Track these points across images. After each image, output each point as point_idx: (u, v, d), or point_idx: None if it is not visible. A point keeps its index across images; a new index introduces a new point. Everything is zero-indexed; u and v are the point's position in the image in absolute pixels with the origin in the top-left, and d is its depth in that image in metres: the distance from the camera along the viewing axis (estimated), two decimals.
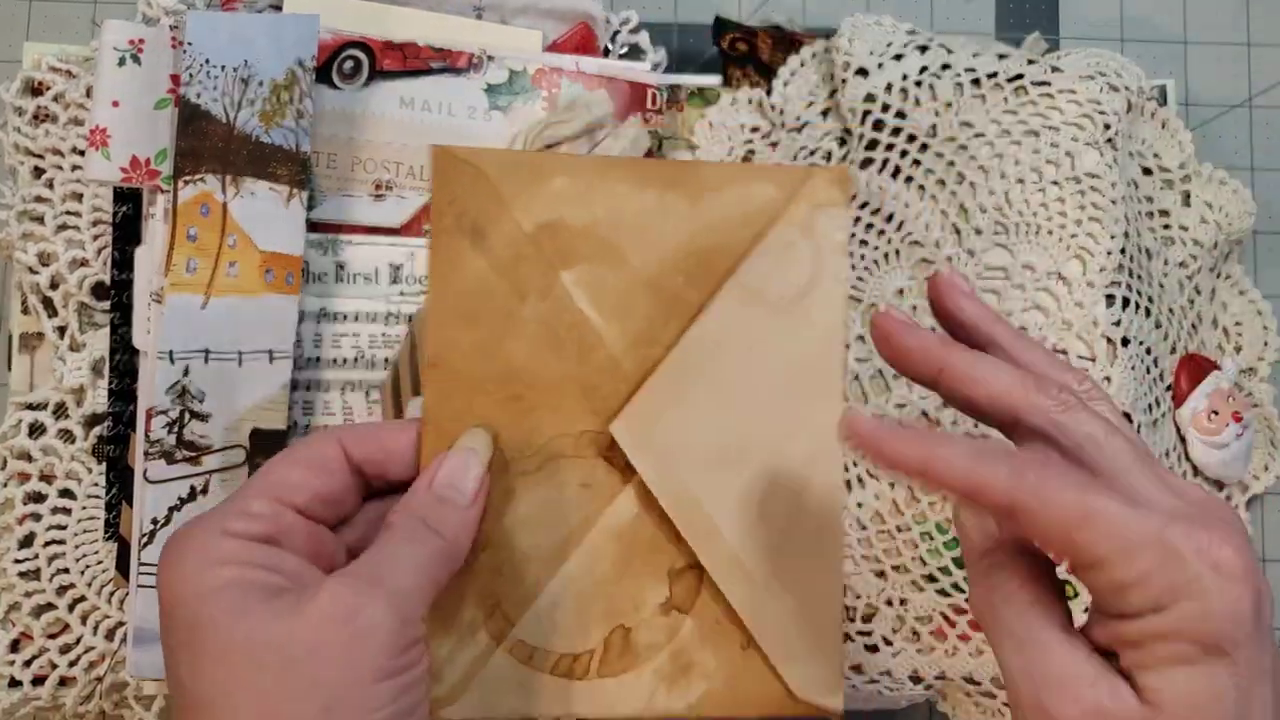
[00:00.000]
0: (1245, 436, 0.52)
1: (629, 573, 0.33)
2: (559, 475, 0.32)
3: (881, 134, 0.49)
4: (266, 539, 0.27)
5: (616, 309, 0.32)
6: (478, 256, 0.31)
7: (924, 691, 0.49)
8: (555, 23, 0.49)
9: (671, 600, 0.33)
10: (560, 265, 0.32)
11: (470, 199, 0.31)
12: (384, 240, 0.45)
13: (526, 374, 0.32)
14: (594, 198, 0.32)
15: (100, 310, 0.47)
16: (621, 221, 0.32)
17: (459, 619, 0.32)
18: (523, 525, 0.32)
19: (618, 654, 0.33)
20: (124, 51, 0.42)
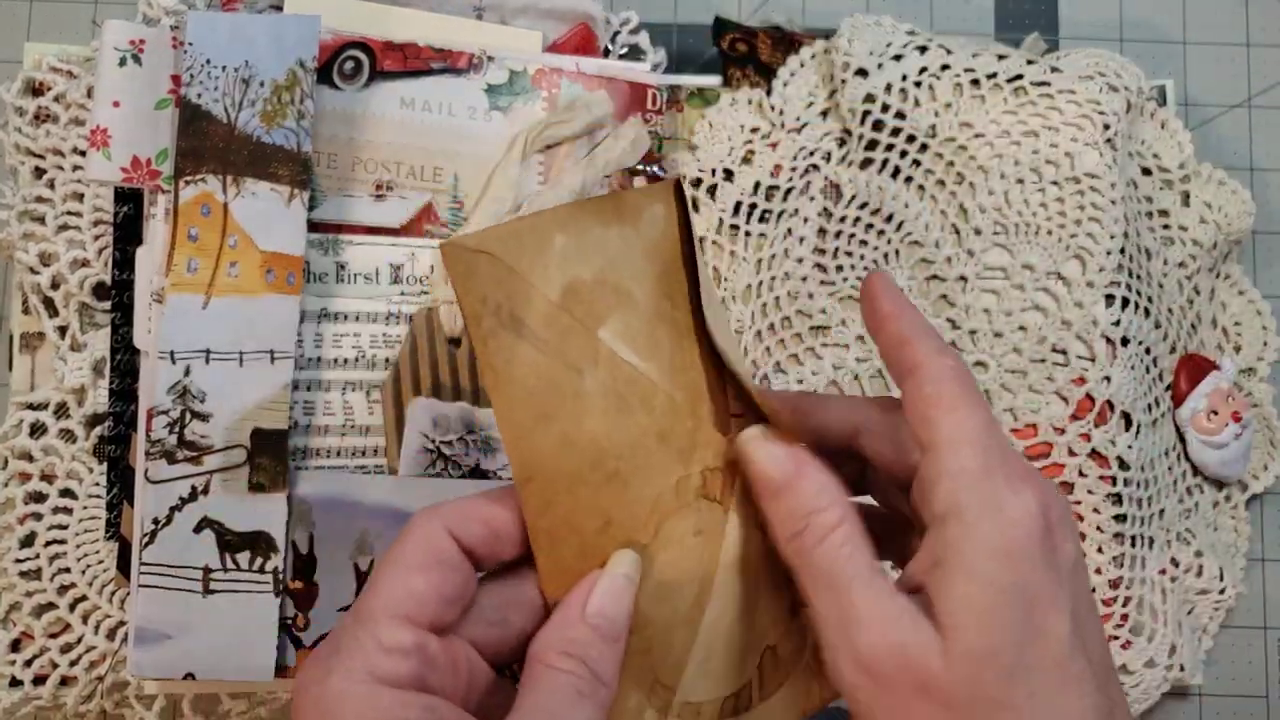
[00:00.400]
0: (1244, 436, 0.52)
1: (760, 594, 0.32)
2: (674, 534, 0.31)
3: (881, 134, 0.50)
4: (418, 682, 0.25)
5: (649, 348, 0.30)
6: (526, 347, 0.28)
7: None
8: (555, 23, 0.49)
9: (795, 600, 0.32)
10: (595, 325, 0.29)
11: (498, 289, 0.28)
12: (385, 240, 0.45)
13: (613, 447, 0.29)
14: (586, 246, 0.30)
15: (101, 310, 0.47)
16: (615, 262, 0.30)
17: (624, 710, 0.30)
18: (658, 597, 0.30)
19: (771, 672, 0.32)
20: (125, 52, 0.42)
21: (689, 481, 0.31)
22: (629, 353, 0.30)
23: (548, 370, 0.28)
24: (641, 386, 0.30)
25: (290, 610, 0.43)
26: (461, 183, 0.46)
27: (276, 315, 0.42)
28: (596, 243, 0.30)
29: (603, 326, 0.29)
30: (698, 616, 0.31)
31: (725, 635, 0.31)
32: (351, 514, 0.43)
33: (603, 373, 0.29)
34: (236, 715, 0.48)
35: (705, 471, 0.31)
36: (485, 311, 0.28)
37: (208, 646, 0.41)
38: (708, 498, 0.31)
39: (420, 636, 0.26)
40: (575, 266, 0.29)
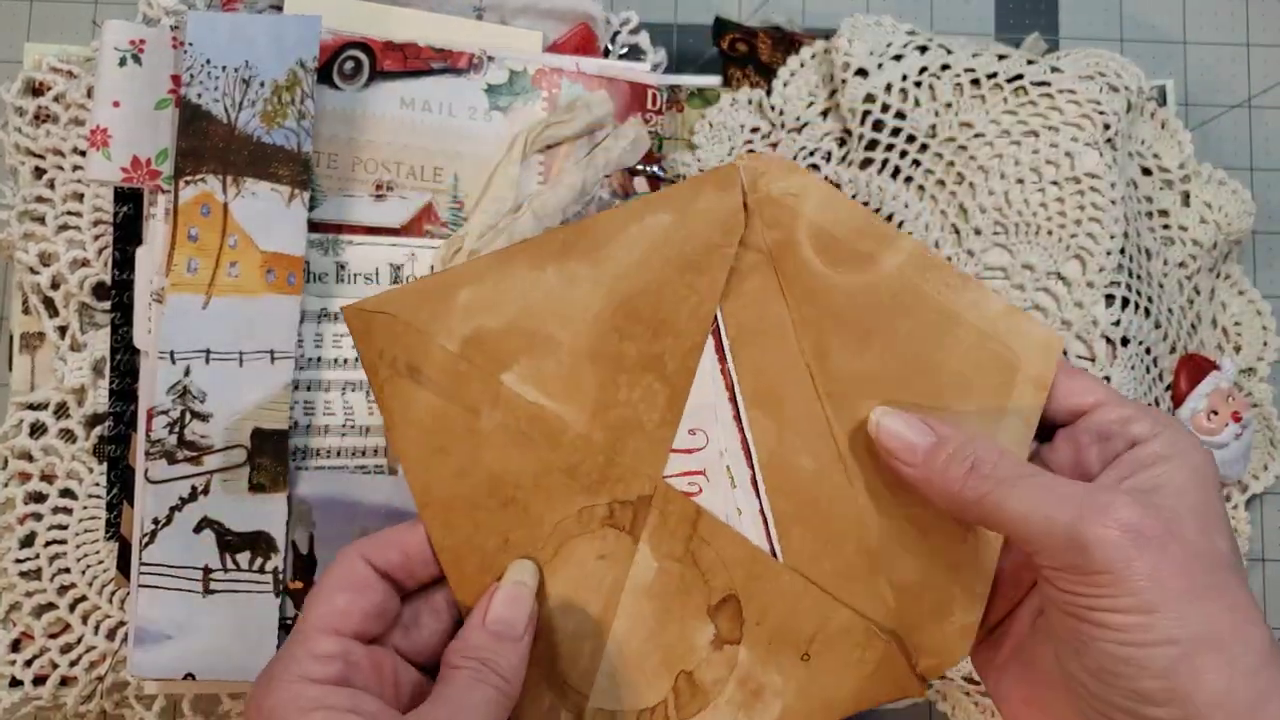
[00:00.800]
0: (1244, 436, 0.52)
1: (671, 620, 0.34)
2: (575, 555, 0.33)
3: (881, 134, 0.50)
4: (342, 680, 0.30)
5: (566, 389, 0.33)
6: (423, 392, 0.32)
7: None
8: (555, 23, 0.49)
9: (720, 634, 0.34)
10: (498, 370, 0.32)
11: (394, 344, 0.32)
12: (385, 240, 0.45)
13: (510, 476, 0.33)
14: (501, 297, 0.32)
15: (101, 310, 0.47)
16: (535, 308, 0.33)
17: (539, 709, 0.33)
18: (560, 609, 0.33)
19: (688, 697, 0.34)
20: (125, 52, 0.42)
21: (594, 511, 0.33)
22: (536, 394, 0.33)
23: (443, 411, 0.32)
24: (548, 424, 0.33)
25: (290, 610, 0.43)
26: (461, 183, 0.46)
27: (277, 315, 0.42)
28: (518, 289, 0.32)
29: (507, 371, 0.32)
30: (604, 633, 0.33)
31: (635, 653, 0.34)
32: (351, 514, 0.43)
33: (501, 413, 0.32)
34: (236, 715, 0.48)
35: (614, 504, 0.33)
36: (381, 363, 0.32)
37: (208, 647, 0.41)
38: (615, 527, 0.34)
39: (344, 644, 0.30)
40: (481, 317, 0.32)
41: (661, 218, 0.33)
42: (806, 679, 0.34)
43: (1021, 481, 0.29)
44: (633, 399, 0.33)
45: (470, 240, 0.44)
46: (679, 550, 0.34)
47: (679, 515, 0.34)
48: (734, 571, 0.34)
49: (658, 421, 0.33)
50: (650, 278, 0.33)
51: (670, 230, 0.33)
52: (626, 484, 0.33)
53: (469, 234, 0.45)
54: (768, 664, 0.34)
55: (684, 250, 0.33)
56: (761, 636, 0.34)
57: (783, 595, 0.34)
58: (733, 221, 0.33)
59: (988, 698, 0.48)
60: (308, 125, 0.42)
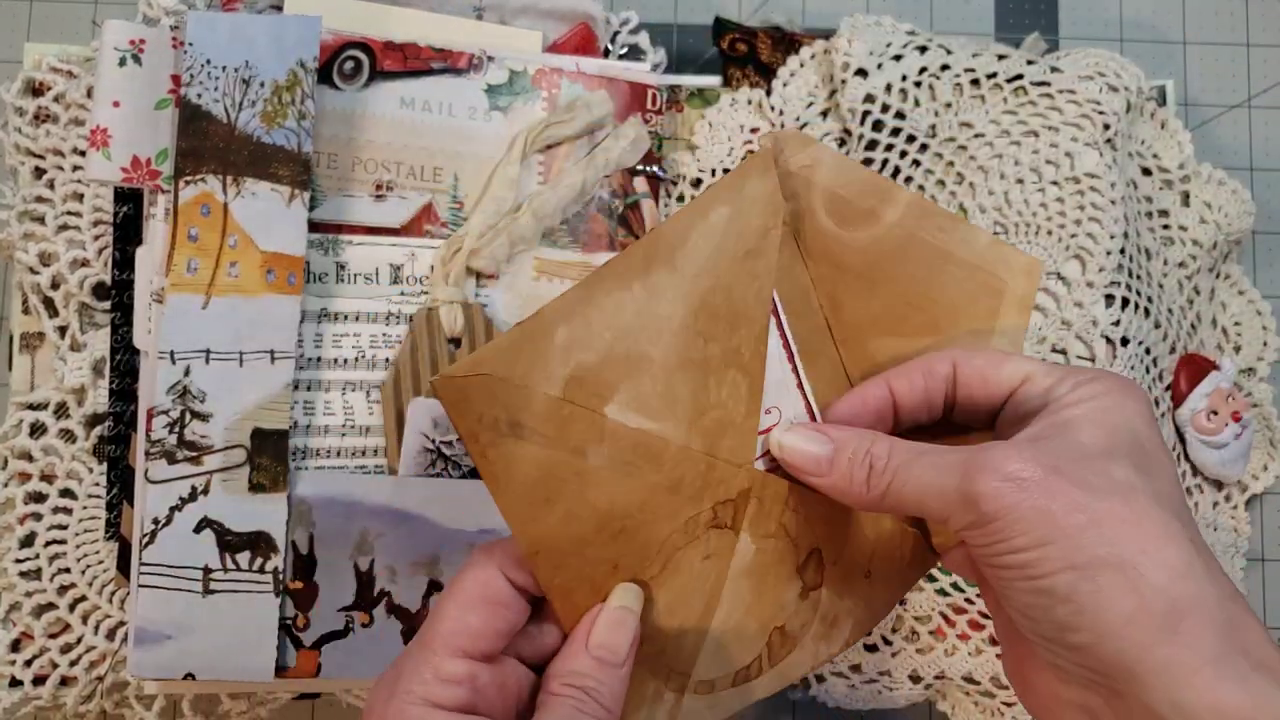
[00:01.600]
0: (1244, 436, 0.52)
1: (767, 590, 0.35)
2: (683, 564, 0.33)
3: (881, 134, 0.50)
4: (467, 707, 0.29)
5: (664, 405, 0.32)
6: (526, 446, 0.30)
7: (923, 691, 0.49)
8: (555, 23, 0.49)
9: (806, 586, 0.36)
10: (601, 405, 0.31)
11: (494, 406, 0.30)
12: (385, 240, 0.45)
13: (618, 509, 0.32)
14: (594, 327, 0.31)
15: (101, 310, 0.47)
16: (628, 330, 0.32)
17: (643, 694, 0.33)
18: (667, 615, 0.33)
19: (780, 645, 0.35)
20: (125, 52, 0.42)
21: (699, 519, 0.33)
22: (638, 419, 0.32)
23: (548, 460, 0.30)
24: (651, 447, 0.32)
25: (290, 610, 0.43)
26: (461, 183, 0.46)
27: (277, 315, 0.42)
28: (608, 316, 0.31)
29: (609, 403, 0.31)
30: (708, 620, 0.34)
31: (735, 628, 0.34)
32: (351, 514, 0.43)
33: (608, 447, 0.31)
34: (236, 715, 0.48)
35: (716, 506, 0.33)
36: (482, 429, 0.30)
37: (208, 647, 0.41)
38: (718, 527, 0.34)
39: (473, 668, 0.30)
40: (579, 354, 0.31)
41: (721, 211, 0.33)
42: (870, 593, 0.37)
43: (913, 463, 0.31)
44: (723, 398, 0.33)
45: (470, 240, 0.44)
46: (773, 527, 0.35)
47: (774, 496, 0.35)
48: (817, 528, 0.35)
49: (744, 413, 0.34)
50: (720, 272, 0.33)
51: (729, 222, 0.33)
52: (727, 484, 0.34)
53: (469, 234, 0.45)
54: (843, 594, 0.36)
55: (742, 238, 0.33)
56: (838, 574, 0.36)
57: (850, 530, 0.36)
58: (776, 202, 0.34)
59: (987, 697, 0.48)
60: (308, 125, 0.42)
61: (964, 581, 0.48)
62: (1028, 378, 0.32)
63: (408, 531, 0.43)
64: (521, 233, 0.45)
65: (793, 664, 0.36)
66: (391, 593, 0.43)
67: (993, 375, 0.33)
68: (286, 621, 0.42)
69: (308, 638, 0.43)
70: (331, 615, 0.43)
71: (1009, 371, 0.33)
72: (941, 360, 0.34)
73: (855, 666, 0.48)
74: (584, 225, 0.47)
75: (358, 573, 0.43)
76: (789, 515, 0.35)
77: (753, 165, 0.34)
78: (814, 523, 0.35)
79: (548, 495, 0.30)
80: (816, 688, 0.49)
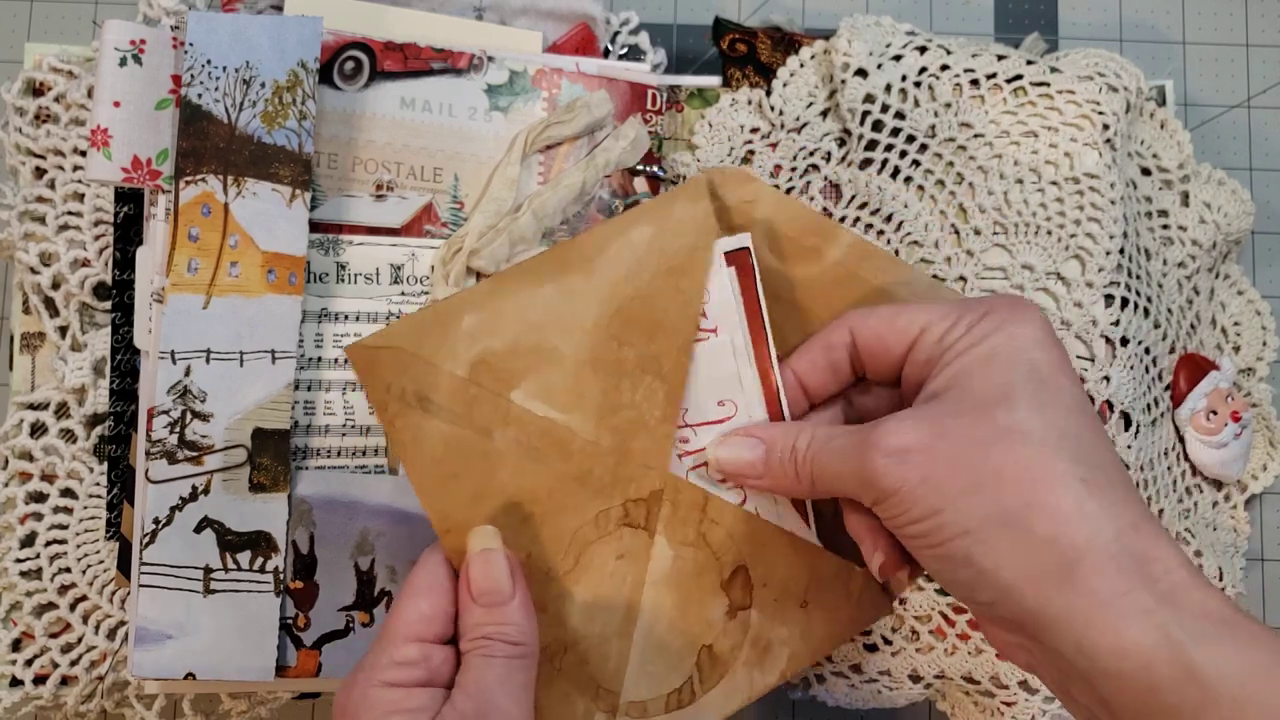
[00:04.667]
0: (1244, 436, 0.52)
1: (690, 603, 0.36)
2: (596, 559, 0.35)
3: (880, 135, 0.50)
4: (423, 683, 0.31)
5: (572, 398, 0.34)
6: (433, 420, 0.32)
7: (923, 690, 0.49)
8: (555, 23, 0.49)
9: (733, 604, 0.36)
10: (506, 390, 0.33)
11: (402, 377, 0.32)
12: (385, 240, 0.45)
13: (525, 493, 0.33)
14: (503, 318, 0.33)
15: (102, 310, 0.47)
16: (537, 324, 0.34)
17: (573, 715, 0.35)
18: (586, 615, 0.34)
19: (710, 668, 0.36)
20: (125, 52, 0.42)
21: (609, 514, 0.35)
22: (545, 408, 0.34)
23: (455, 437, 0.33)
24: (558, 436, 0.34)
25: (290, 610, 0.43)
26: (461, 183, 0.46)
27: (278, 315, 0.42)
28: (518, 309, 0.33)
29: (515, 389, 0.33)
30: (630, 629, 0.35)
31: (659, 642, 0.35)
32: (352, 514, 0.43)
33: (513, 431, 0.33)
34: (236, 715, 0.48)
35: (628, 503, 0.35)
36: (390, 398, 0.32)
37: (208, 646, 0.41)
38: (630, 525, 0.35)
39: (426, 650, 0.32)
40: (486, 340, 0.33)
41: (643, 230, 0.35)
42: (807, 624, 0.37)
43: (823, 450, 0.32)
44: (635, 400, 0.35)
45: (470, 240, 0.44)
46: (691, 536, 0.36)
47: (689, 503, 0.35)
48: (741, 545, 0.36)
49: (660, 418, 0.35)
50: (641, 285, 0.35)
51: (652, 240, 0.35)
52: (638, 482, 0.35)
53: (469, 234, 0.45)
54: (775, 619, 0.37)
55: (666, 255, 0.35)
56: (768, 597, 0.36)
57: (782, 554, 0.36)
58: (707, 225, 0.36)
59: (987, 696, 0.48)
60: (309, 126, 0.42)
61: None
62: (923, 328, 0.32)
63: (408, 531, 0.43)
64: (522, 233, 0.45)
65: (727, 692, 0.36)
66: (392, 592, 0.43)
67: (888, 333, 0.33)
68: (287, 621, 0.43)
69: (308, 637, 0.43)
70: (332, 615, 0.43)
71: (904, 325, 0.32)
72: (838, 329, 0.34)
73: (855, 666, 0.48)
74: (584, 225, 0.47)
75: (358, 572, 0.43)
76: (709, 525, 0.36)
77: (683, 191, 0.36)
78: (738, 539, 0.36)
79: (455, 470, 0.32)
80: (817, 687, 0.49)
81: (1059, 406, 0.29)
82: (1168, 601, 0.26)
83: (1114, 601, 0.26)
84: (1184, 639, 0.26)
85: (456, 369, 0.33)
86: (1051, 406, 0.29)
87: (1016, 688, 0.47)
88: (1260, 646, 0.26)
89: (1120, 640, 0.26)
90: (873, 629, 0.48)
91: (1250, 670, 0.25)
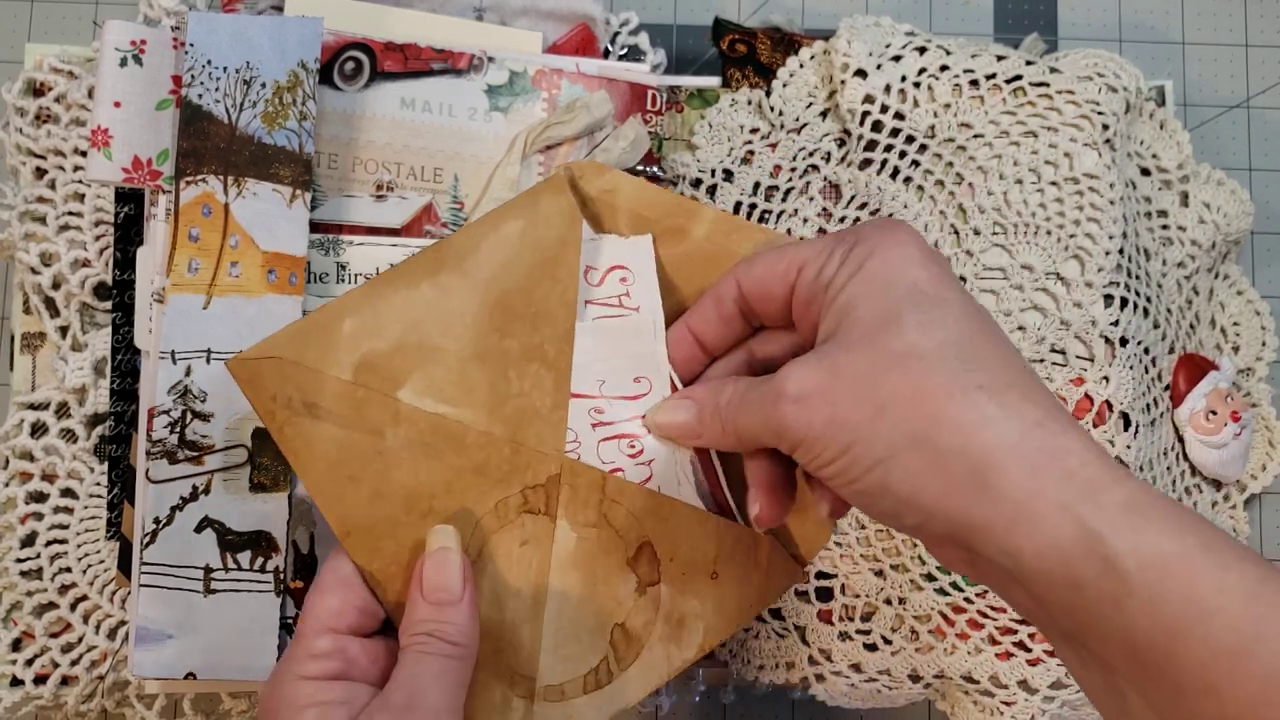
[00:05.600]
0: (1243, 436, 0.52)
1: (598, 583, 0.36)
2: (499, 549, 0.35)
3: (880, 135, 0.50)
4: (338, 675, 0.32)
5: (460, 393, 0.34)
6: (323, 425, 0.33)
7: (923, 690, 0.49)
8: (555, 24, 0.49)
9: (641, 580, 0.37)
10: (393, 389, 0.34)
11: (286, 385, 0.33)
12: (385, 241, 0.45)
13: (423, 488, 0.34)
14: (383, 320, 0.34)
15: (102, 310, 0.47)
16: (417, 323, 0.34)
17: (491, 703, 0.35)
18: (495, 604, 0.35)
19: (624, 647, 0.37)
20: (126, 52, 0.42)
21: (509, 502, 0.35)
22: (434, 404, 0.34)
23: (347, 440, 0.33)
24: (450, 431, 0.34)
25: (291, 610, 0.43)
26: (462, 183, 0.46)
27: (278, 315, 0.42)
28: (398, 309, 0.34)
29: (402, 388, 0.34)
30: (539, 613, 0.36)
31: (571, 623, 0.36)
32: None
33: (404, 429, 0.34)
34: (237, 715, 0.48)
35: (526, 490, 0.35)
36: (277, 407, 0.32)
37: (209, 646, 0.41)
38: (531, 512, 0.36)
39: (339, 642, 0.32)
40: (368, 342, 0.33)
41: (514, 224, 0.36)
42: (719, 595, 0.38)
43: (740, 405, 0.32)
44: (524, 388, 0.35)
45: None
46: (593, 516, 0.36)
47: (588, 484, 0.36)
48: (644, 521, 0.37)
49: (550, 405, 0.36)
50: (517, 276, 0.36)
51: (523, 233, 0.36)
52: (534, 469, 0.35)
53: None
54: (685, 593, 0.37)
55: (539, 248, 0.36)
56: (676, 571, 0.37)
57: (686, 528, 0.37)
58: (573, 215, 0.37)
59: (986, 696, 0.48)
60: (309, 126, 0.42)
61: (963, 581, 0.48)
62: (802, 266, 0.32)
63: None
64: None
65: (645, 668, 0.37)
66: None
67: (769, 279, 0.33)
68: (288, 621, 0.43)
69: None
70: None
71: (783, 269, 0.32)
72: (725, 283, 0.35)
73: (855, 665, 0.48)
74: None
75: None
76: (610, 505, 0.36)
77: (546, 186, 0.37)
78: (640, 516, 0.37)
79: (351, 473, 0.33)
80: (816, 687, 0.49)
81: (946, 320, 0.29)
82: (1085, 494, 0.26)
83: (1029, 501, 0.26)
84: (1102, 530, 0.25)
85: (341, 373, 0.33)
86: (938, 322, 0.28)
87: (1016, 687, 0.47)
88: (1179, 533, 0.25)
89: (1040, 539, 0.26)
90: (872, 628, 0.48)
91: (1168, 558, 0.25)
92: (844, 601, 0.48)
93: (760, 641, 0.49)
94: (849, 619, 0.48)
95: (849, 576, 0.48)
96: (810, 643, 0.48)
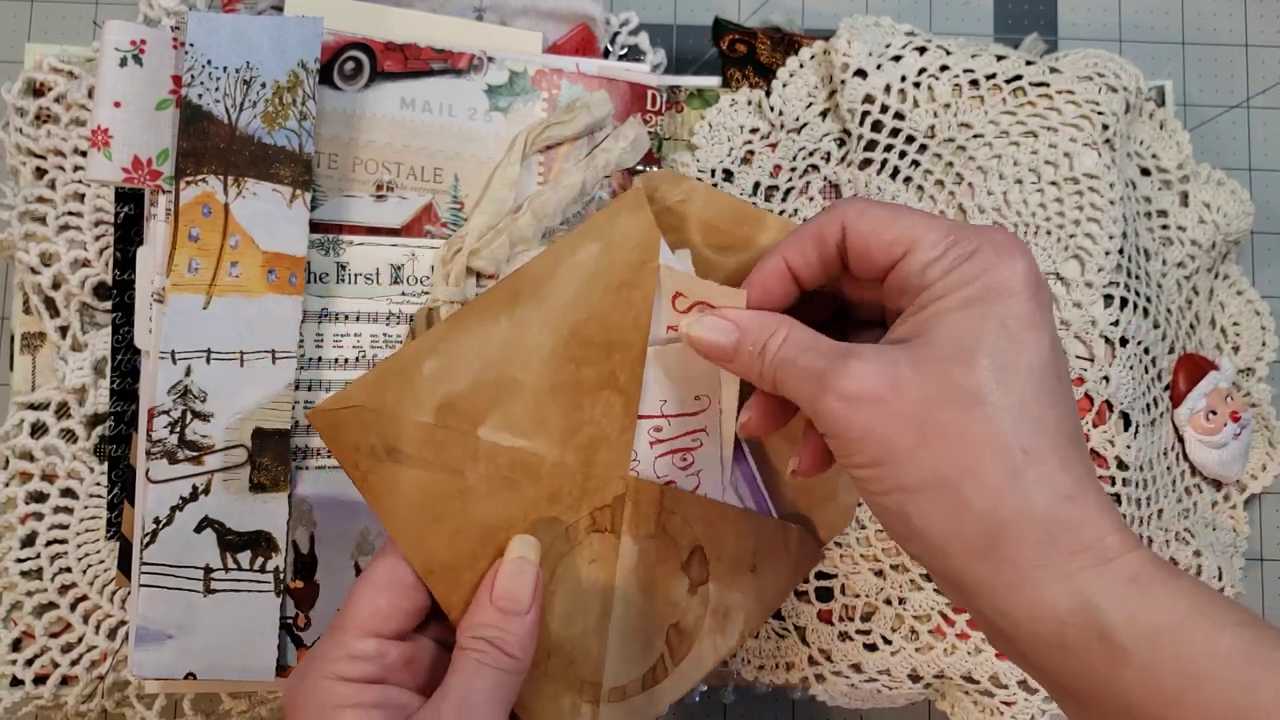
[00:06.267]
0: (1243, 436, 0.52)
1: (657, 589, 0.38)
2: (570, 568, 0.36)
3: (880, 135, 0.50)
4: (376, 679, 0.31)
5: (535, 425, 0.35)
6: (405, 470, 0.33)
7: (922, 690, 0.49)
8: (555, 24, 0.49)
9: (693, 581, 0.38)
10: (473, 428, 0.34)
11: (368, 434, 0.32)
12: (385, 241, 0.45)
13: (501, 522, 0.34)
14: (461, 359, 0.34)
15: (102, 310, 0.47)
16: (496, 360, 0.34)
17: (560, 710, 0.36)
18: (566, 621, 0.36)
19: (678, 643, 0.38)
20: (125, 52, 0.42)
21: (579, 525, 0.36)
22: (511, 438, 0.34)
23: (429, 482, 0.33)
24: (526, 463, 0.34)
25: (291, 609, 0.43)
26: (462, 183, 0.46)
27: (278, 315, 0.42)
28: (475, 348, 0.34)
29: (482, 425, 0.34)
30: (605, 624, 0.36)
31: (633, 629, 0.37)
32: (352, 514, 0.43)
33: (484, 465, 0.34)
34: (237, 715, 0.48)
35: (595, 512, 0.36)
36: (360, 456, 0.32)
37: (209, 646, 0.41)
38: (598, 531, 0.36)
39: (382, 646, 0.32)
40: (447, 384, 0.33)
41: (590, 249, 0.35)
42: (758, 585, 0.40)
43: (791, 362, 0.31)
44: (595, 416, 0.36)
45: (470, 240, 0.45)
46: (652, 528, 0.37)
47: (649, 500, 0.37)
48: (695, 527, 0.38)
49: (619, 429, 0.36)
50: (593, 304, 0.35)
51: (600, 257, 0.35)
52: (603, 492, 0.36)
53: (469, 234, 0.45)
54: (731, 588, 0.39)
55: (615, 271, 0.36)
56: (723, 569, 0.39)
57: (731, 528, 0.39)
58: (650, 237, 0.36)
59: (986, 696, 0.48)
60: (309, 126, 0.42)
61: None
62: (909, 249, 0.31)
63: None
64: (522, 233, 0.45)
65: (694, 662, 0.39)
66: None
67: (874, 245, 0.32)
68: (287, 621, 0.43)
69: (309, 637, 0.43)
70: (332, 614, 0.43)
71: (891, 239, 0.31)
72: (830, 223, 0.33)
73: (855, 665, 0.48)
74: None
75: (358, 572, 0.43)
76: (667, 516, 0.37)
77: (625, 203, 0.36)
78: (692, 522, 0.38)
79: (433, 515, 0.33)
80: (816, 687, 0.49)
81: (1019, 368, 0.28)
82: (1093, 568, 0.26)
83: (1032, 572, 0.27)
84: (1099, 602, 0.26)
85: (422, 416, 0.33)
86: (1011, 368, 0.28)
87: (1016, 687, 0.47)
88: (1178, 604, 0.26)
89: (1038, 607, 0.27)
90: (872, 628, 0.48)
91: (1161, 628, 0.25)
92: (844, 601, 0.48)
93: (760, 641, 0.49)
94: (849, 619, 0.48)
95: (849, 576, 0.48)
96: (810, 643, 0.48)
